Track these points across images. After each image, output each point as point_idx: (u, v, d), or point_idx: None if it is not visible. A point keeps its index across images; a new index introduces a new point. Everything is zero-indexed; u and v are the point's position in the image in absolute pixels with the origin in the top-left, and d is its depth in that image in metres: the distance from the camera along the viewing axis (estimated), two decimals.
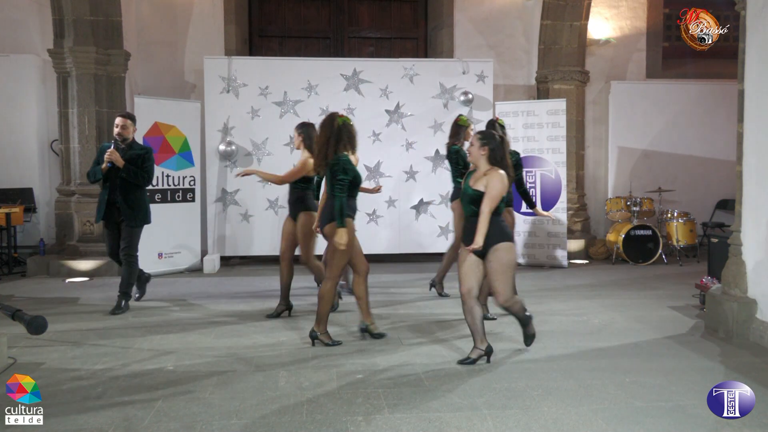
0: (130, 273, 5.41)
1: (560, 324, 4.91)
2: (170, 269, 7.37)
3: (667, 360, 4.01)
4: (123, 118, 5.38)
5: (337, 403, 3.27)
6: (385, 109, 7.77)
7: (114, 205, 5.30)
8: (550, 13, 8.51)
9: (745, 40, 4.54)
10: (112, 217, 5.36)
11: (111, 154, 5.16)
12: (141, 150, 5.40)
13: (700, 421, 3.02)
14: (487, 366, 3.86)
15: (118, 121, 5.35)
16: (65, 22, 7.43)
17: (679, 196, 8.90)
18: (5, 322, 4.44)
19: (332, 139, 4.23)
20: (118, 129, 5.31)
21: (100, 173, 5.25)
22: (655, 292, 6.18)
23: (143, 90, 8.14)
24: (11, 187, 7.62)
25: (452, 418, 3.07)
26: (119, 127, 5.31)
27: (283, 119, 7.65)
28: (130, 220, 5.32)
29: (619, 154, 9.03)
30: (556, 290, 5.90)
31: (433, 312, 5.31)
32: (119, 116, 5.41)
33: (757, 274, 4.44)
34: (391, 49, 9.46)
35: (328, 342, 4.28)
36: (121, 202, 5.28)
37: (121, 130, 5.31)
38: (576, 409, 3.19)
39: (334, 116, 4.30)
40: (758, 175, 4.40)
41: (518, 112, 7.85)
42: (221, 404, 3.26)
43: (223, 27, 8.60)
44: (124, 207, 5.28)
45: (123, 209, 5.29)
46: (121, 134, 5.31)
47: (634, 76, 9.23)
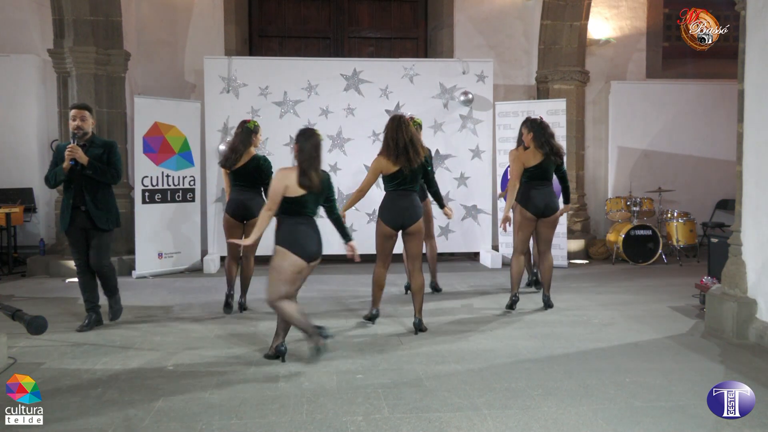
0: (107, 279, 4.83)
1: (560, 324, 4.91)
2: (170, 269, 7.38)
3: (667, 360, 4.01)
4: (79, 109, 4.66)
5: (337, 403, 3.27)
6: (385, 109, 7.76)
7: (79, 209, 4.63)
8: (550, 13, 8.51)
9: (745, 40, 4.54)
10: (77, 223, 4.67)
11: (73, 151, 4.48)
12: (105, 144, 4.74)
13: (700, 421, 3.02)
14: (487, 366, 3.86)
15: (75, 113, 4.62)
16: (65, 22, 7.43)
17: (679, 196, 8.90)
18: (5, 322, 4.45)
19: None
20: (76, 122, 4.59)
21: (62, 174, 4.57)
22: (655, 292, 6.18)
23: (143, 90, 8.14)
24: (11, 187, 7.63)
25: (452, 418, 3.07)
26: (77, 120, 4.59)
27: (283, 119, 7.66)
28: (100, 224, 4.66)
29: (619, 154, 9.04)
30: (556, 290, 5.90)
31: (433, 312, 5.31)
32: (75, 108, 4.68)
33: (757, 274, 4.44)
34: (391, 49, 9.46)
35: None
36: (89, 204, 4.62)
37: (80, 123, 4.60)
38: (576, 409, 3.19)
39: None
40: (758, 175, 4.40)
41: (518, 112, 7.84)
42: (221, 404, 3.26)
43: (223, 27, 8.61)
44: (93, 210, 4.63)
45: (92, 212, 4.62)
46: (80, 128, 4.60)
47: (634, 76, 9.24)
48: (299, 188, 3.78)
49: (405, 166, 4.45)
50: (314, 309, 5.45)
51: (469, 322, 4.98)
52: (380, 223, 4.57)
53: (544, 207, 5.16)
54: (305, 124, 7.69)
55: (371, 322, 4.88)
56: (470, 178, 7.99)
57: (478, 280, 6.92)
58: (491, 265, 7.73)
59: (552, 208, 5.19)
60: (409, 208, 4.51)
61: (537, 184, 5.19)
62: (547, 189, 5.21)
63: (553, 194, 5.27)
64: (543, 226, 5.27)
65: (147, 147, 7.18)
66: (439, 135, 7.79)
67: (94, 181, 4.64)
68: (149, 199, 7.20)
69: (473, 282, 6.78)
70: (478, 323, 4.94)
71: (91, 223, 4.65)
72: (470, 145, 7.97)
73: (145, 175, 7.16)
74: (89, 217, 4.64)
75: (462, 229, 8.02)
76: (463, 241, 8.07)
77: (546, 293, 5.36)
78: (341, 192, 7.82)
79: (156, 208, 7.27)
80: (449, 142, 7.86)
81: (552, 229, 5.30)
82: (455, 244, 8.07)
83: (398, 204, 4.51)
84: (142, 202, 7.15)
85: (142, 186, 7.15)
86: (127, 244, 7.66)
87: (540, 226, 5.27)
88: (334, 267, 7.64)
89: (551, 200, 5.21)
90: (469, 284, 6.64)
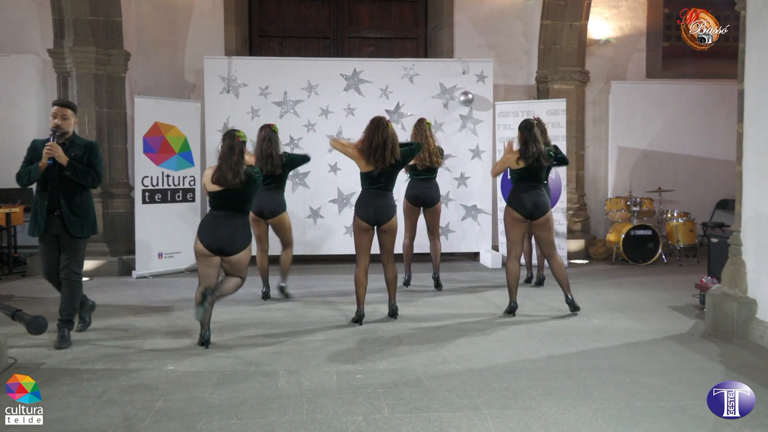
0: (73, 295, 4.39)
1: (560, 324, 4.91)
2: (170, 269, 7.38)
3: (667, 360, 4.01)
4: (62, 107, 4.33)
5: (337, 403, 3.27)
6: (385, 109, 7.76)
7: (53, 212, 4.28)
8: (550, 13, 8.51)
9: (745, 40, 4.54)
10: (50, 228, 4.31)
11: (52, 149, 4.14)
12: (86, 145, 4.42)
13: (700, 421, 3.02)
14: (487, 366, 3.86)
15: (56, 110, 4.29)
16: (65, 22, 7.43)
17: (679, 196, 8.90)
18: (5, 322, 4.45)
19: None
20: (57, 120, 4.25)
21: (37, 173, 4.21)
22: (655, 292, 6.18)
23: (143, 90, 8.14)
24: (11, 187, 7.61)
25: (452, 418, 3.07)
26: (58, 118, 4.26)
27: (284, 119, 7.65)
28: (74, 231, 4.30)
29: (619, 154, 9.04)
30: (556, 290, 5.89)
31: (433, 312, 5.31)
32: (57, 105, 4.35)
33: (757, 274, 4.44)
34: (391, 49, 9.46)
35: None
36: (64, 208, 4.26)
37: (61, 122, 4.26)
38: (576, 409, 3.19)
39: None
40: (758, 175, 4.40)
41: (518, 112, 7.84)
42: (221, 404, 3.25)
43: (223, 27, 8.61)
44: (69, 215, 4.27)
45: (67, 217, 4.27)
46: (59, 126, 4.25)
47: (634, 76, 9.24)
48: (213, 184, 4.18)
49: (377, 167, 4.73)
50: (315, 309, 5.45)
51: (469, 322, 4.98)
52: (356, 219, 4.86)
53: (532, 207, 5.06)
54: (305, 124, 7.71)
55: (358, 323, 4.88)
56: (470, 178, 7.99)
57: (478, 280, 6.93)
58: (491, 265, 7.73)
59: (541, 209, 5.08)
60: (382, 206, 4.81)
61: (526, 186, 5.12)
62: (536, 191, 5.12)
63: (544, 195, 5.17)
64: (537, 229, 5.20)
65: (147, 147, 7.18)
66: (439, 135, 7.77)
67: (73, 184, 4.30)
68: (149, 199, 7.20)
69: (473, 282, 6.78)
70: (478, 323, 4.94)
71: (64, 228, 4.29)
72: (470, 145, 7.97)
73: (145, 175, 7.16)
74: (63, 223, 4.28)
75: (462, 229, 8.02)
76: (463, 241, 8.07)
77: (568, 295, 5.21)
78: (341, 192, 7.83)
79: (156, 208, 7.26)
80: (449, 142, 7.86)
81: (547, 231, 5.19)
82: (455, 244, 8.07)
83: (372, 202, 4.81)
84: (142, 202, 7.15)
85: (143, 186, 7.15)
86: (127, 244, 7.67)
87: (534, 229, 5.21)
88: (334, 267, 7.64)
89: (540, 201, 5.10)
90: (469, 284, 6.64)
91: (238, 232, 4.25)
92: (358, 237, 4.86)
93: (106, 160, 7.68)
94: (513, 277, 5.17)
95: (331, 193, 7.81)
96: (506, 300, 5.34)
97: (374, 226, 4.85)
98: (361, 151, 4.77)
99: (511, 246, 5.21)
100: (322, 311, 5.37)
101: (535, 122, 5.25)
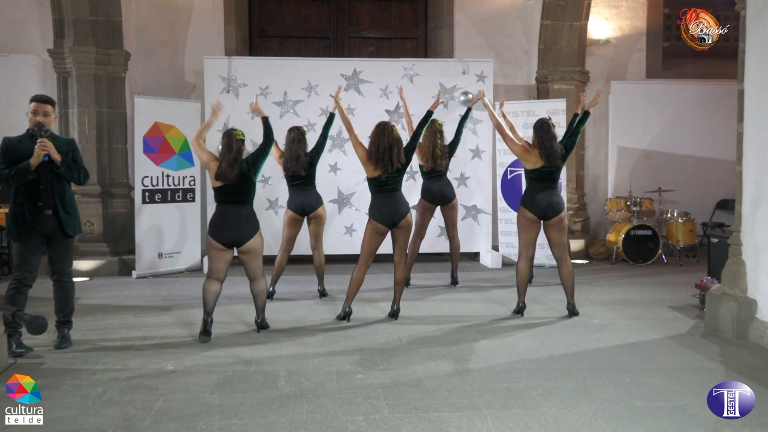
0: (68, 296, 4.30)
1: (560, 324, 4.91)
2: (170, 269, 7.38)
3: (667, 360, 4.01)
4: (43, 103, 4.16)
5: (337, 403, 3.27)
6: (385, 109, 7.76)
7: (44, 212, 4.09)
8: (550, 13, 8.51)
9: (745, 40, 4.54)
10: (39, 228, 4.13)
11: (46, 146, 4.00)
12: (68, 143, 4.32)
13: (700, 421, 3.02)
14: (487, 366, 3.87)
15: (36, 106, 4.12)
16: (65, 22, 7.43)
17: (679, 196, 8.90)
18: None
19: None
20: (39, 117, 4.09)
21: (29, 172, 4.02)
22: (655, 292, 6.18)
23: (143, 90, 8.14)
24: None
25: (452, 418, 3.07)
26: (39, 115, 4.10)
27: (284, 119, 7.65)
28: (69, 229, 4.20)
29: (619, 154, 9.04)
30: (556, 289, 5.90)
31: (433, 312, 5.31)
32: (37, 101, 4.16)
33: (757, 274, 4.44)
34: (391, 49, 9.46)
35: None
36: (59, 207, 4.14)
37: (43, 118, 4.10)
38: (576, 409, 3.19)
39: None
40: (758, 175, 4.40)
41: (518, 112, 7.84)
42: (221, 404, 3.26)
43: (223, 27, 8.61)
44: (63, 213, 4.16)
45: (62, 216, 4.15)
46: (41, 123, 4.09)
47: (634, 76, 9.24)
48: (215, 180, 4.43)
49: (385, 171, 4.80)
50: (314, 309, 5.45)
51: (469, 322, 4.98)
52: (372, 222, 4.88)
53: (546, 207, 5.01)
54: (305, 124, 7.69)
55: (346, 320, 4.95)
56: (470, 178, 7.99)
57: (478, 280, 6.92)
58: (491, 265, 7.73)
59: (555, 209, 5.03)
60: (396, 206, 4.88)
61: (541, 186, 5.06)
62: (550, 191, 5.07)
63: (558, 195, 5.13)
64: (549, 230, 5.11)
65: (147, 147, 7.18)
66: None
67: (63, 182, 4.20)
68: (149, 199, 7.20)
69: (473, 282, 6.78)
70: (478, 323, 4.94)
71: (59, 227, 4.17)
72: (470, 145, 7.97)
73: (145, 175, 7.16)
74: (59, 222, 4.16)
75: (462, 229, 8.00)
76: (463, 241, 8.05)
77: (570, 301, 5.18)
78: (341, 192, 7.82)
79: (156, 208, 7.26)
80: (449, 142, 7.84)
81: (560, 233, 5.10)
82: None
83: (387, 206, 4.86)
84: (142, 202, 7.15)
85: (142, 186, 7.15)
86: (127, 244, 7.66)
87: (547, 230, 5.13)
88: (334, 267, 7.64)
89: (554, 201, 5.06)
90: (469, 284, 6.64)
91: (243, 220, 4.46)
92: (369, 239, 4.90)
93: (106, 160, 7.70)
94: (522, 278, 5.15)
95: (331, 193, 7.81)
96: (506, 300, 5.35)
97: (391, 227, 4.90)
98: (368, 157, 4.83)
99: (523, 247, 5.15)
100: (322, 311, 5.37)
101: (550, 122, 5.16)
